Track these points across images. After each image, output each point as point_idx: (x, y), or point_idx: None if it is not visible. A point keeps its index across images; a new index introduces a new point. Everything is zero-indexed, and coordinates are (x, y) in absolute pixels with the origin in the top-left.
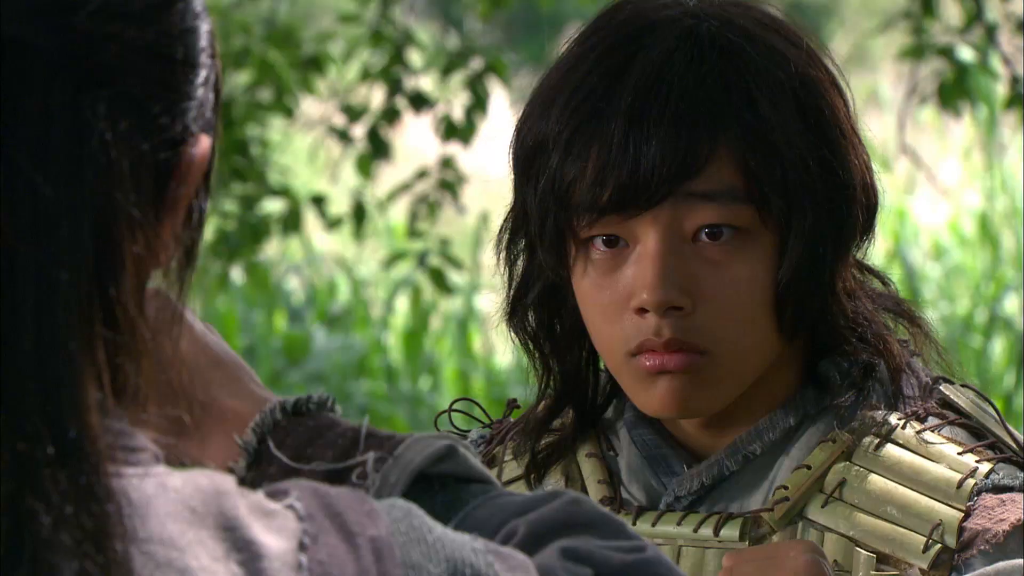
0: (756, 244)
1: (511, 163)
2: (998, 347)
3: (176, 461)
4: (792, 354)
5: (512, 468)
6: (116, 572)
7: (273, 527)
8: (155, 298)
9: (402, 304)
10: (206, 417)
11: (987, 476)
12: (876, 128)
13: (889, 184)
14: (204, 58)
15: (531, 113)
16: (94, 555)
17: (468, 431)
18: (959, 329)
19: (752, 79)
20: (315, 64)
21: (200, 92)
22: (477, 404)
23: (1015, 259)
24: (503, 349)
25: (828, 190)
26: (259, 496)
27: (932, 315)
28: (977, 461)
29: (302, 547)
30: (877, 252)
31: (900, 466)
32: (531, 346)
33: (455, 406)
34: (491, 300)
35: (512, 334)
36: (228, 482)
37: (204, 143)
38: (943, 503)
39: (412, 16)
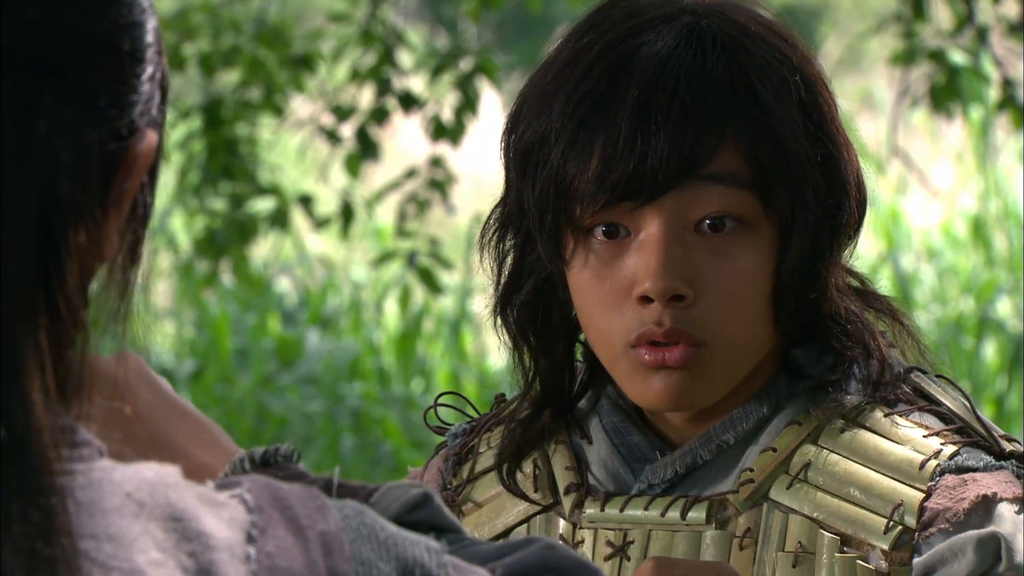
0: (758, 236)
1: (504, 159)
2: (990, 350)
3: (120, 455)
4: (773, 346)
5: (487, 458)
6: (63, 568)
7: (223, 517)
8: (128, 361)
9: (392, 306)
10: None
11: (951, 458)
12: (870, 130)
13: (883, 186)
14: (151, 54)
15: (527, 109)
16: (42, 549)
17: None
18: (952, 331)
19: (756, 75)
20: (305, 63)
21: (147, 87)
22: (465, 399)
23: (1007, 261)
24: (496, 351)
25: (829, 185)
26: (207, 488)
27: (925, 317)
28: (942, 444)
29: (250, 539)
30: (871, 254)
31: (865, 448)
32: (519, 341)
33: (442, 400)
34: (482, 301)
35: (500, 329)
36: (174, 474)
37: (150, 138)
38: (905, 484)
39: (402, 17)
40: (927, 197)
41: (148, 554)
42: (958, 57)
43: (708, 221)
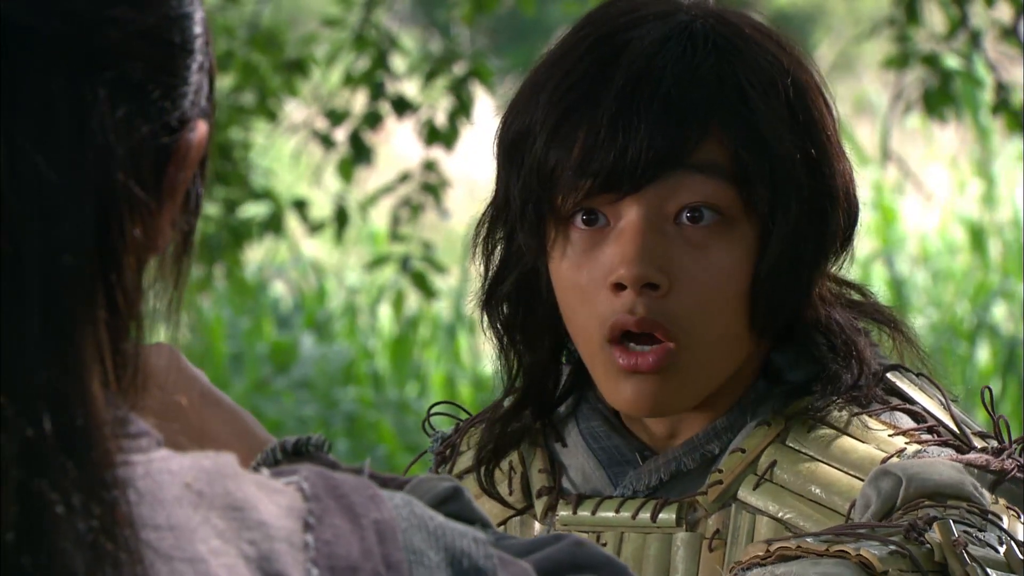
0: (737, 233)
1: (495, 151)
2: (984, 353)
3: (175, 445)
4: (755, 353)
5: (466, 459)
6: (127, 559)
7: (281, 505)
8: (163, 352)
9: (387, 311)
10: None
11: (915, 455)
12: (866, 135)
13: (881, 188)
14: (200, 44)
15: (517, 102)
16: (105, 543)
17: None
18: (946, 335)
19: (744, 74)
20: (298, 68)
21: (196, 78)
22: (460, 406)
23: (1002, 266)
24: (491, 355)
25: (813, 190)
26: (265, 476)
27: (920, 321)
28: (907, 442)
29: (307, 527)
30: (867, 257)
31: (829, 447)
32: (504, 336)
33: (437, 409)
34: (473, 301)
35: (486, 324)
36: (232, 463)
37: (201, 129)
38: (864, 480)
39: (396, 21)
40: (922, 201)
41: (209, 543)
42: (952, 61)
43: (687, 212)
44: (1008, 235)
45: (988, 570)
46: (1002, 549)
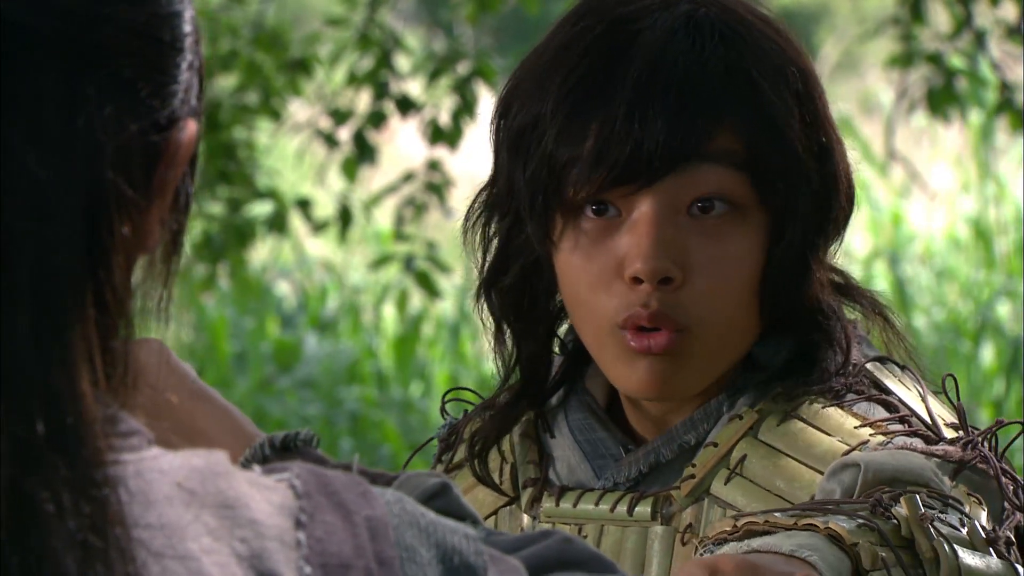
0: (749, 222)
1: (495, 141)
2: (989, 353)
3: (166, 442)
4: (752, 340)
5: (464, 450)
6: (117, 558)
7: (273, 503)
8: (152, 347)
9: (391, 310)
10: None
11: (880, 446)
12: (871, 134)
13: (884, 188)
14: (190, 43)
15: (520, 92)
16: (95, 541)
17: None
18: (950, 334)
19: (753, 64)
20: (302, 67)
21: (186, 76)
22: (476, 392)
23: (1006, 265)
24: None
25: (821, 177)
26: (256, 474)
27: (924, 320)
28: (872, 434)
29: (299, 524)
30: (870, 255)
31: (796, 440)
32: (502, 324)
33: (451, 396)
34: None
35: (483, 312)
36: (224, 461)
37: (191, 128)
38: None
39: (400, 20)
40: (927, 200)
41: (200, 541)
42: (956, 61)
43: (699, 204)
44: (1013, 234)
45: (955, 546)
46: (963, 530)
